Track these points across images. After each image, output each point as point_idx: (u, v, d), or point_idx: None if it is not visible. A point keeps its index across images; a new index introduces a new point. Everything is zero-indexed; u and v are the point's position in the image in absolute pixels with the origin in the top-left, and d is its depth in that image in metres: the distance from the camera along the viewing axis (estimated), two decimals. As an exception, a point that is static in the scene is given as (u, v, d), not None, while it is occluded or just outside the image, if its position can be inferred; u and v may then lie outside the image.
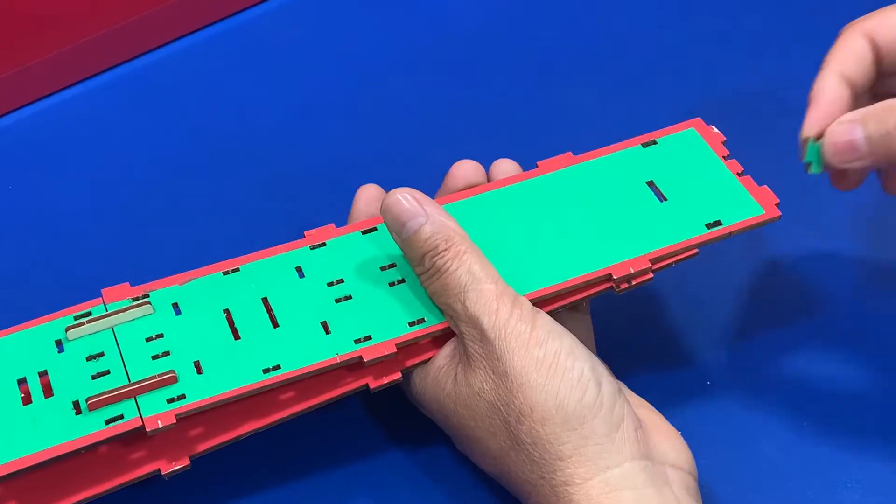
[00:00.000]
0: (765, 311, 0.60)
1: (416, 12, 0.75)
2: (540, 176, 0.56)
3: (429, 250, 0.50)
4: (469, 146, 0.63)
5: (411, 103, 0.70)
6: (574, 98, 0.70)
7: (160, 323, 0.51)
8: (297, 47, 0.74)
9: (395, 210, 0.51)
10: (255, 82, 0.72)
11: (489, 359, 0.48)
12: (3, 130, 0.70)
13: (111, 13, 0.71)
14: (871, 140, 0.49)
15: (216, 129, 0.69)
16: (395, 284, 0.52)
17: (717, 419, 0.56)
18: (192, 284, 0.52)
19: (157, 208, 0.66)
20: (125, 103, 0.71)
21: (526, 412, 0.47)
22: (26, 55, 0.70)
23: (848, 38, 0.53)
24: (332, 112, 0.70)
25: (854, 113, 0.50)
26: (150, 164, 0.68)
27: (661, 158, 0.57)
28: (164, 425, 0.47)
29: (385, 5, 0.76)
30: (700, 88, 0.70)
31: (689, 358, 0.58)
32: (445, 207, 0.54)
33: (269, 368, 0.49)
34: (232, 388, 0.48)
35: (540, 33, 0.74)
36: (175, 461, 0.48)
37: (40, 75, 0.70)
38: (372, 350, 0.49)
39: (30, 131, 0.70)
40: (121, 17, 0.72)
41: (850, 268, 0.62)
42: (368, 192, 0.56)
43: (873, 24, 0.53)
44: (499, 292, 0.49)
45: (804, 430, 0.55)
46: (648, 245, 0.53)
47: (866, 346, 0.58)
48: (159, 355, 0.49)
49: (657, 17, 0.75)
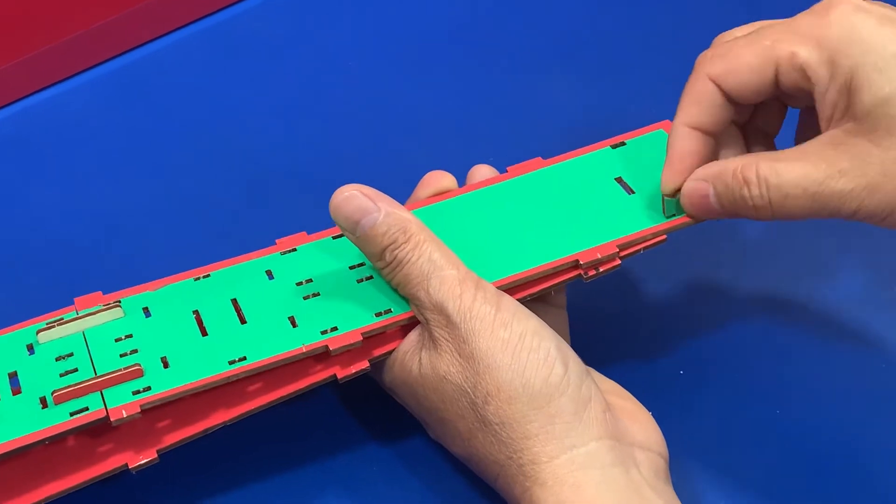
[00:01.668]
0: (737, 300, 0.60)
1: (400, 12, 0.76)
2: (509, 179, 0.57)
3: (388, 244, 0.50)
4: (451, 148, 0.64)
5: (393, 104, 0.71)
6: (552, 101, 0.71)
7: (130, 325, 0.51)
8: (279, 45, 0.75)
9: (346, 209, 0.50)
10: (236, 81, 0.73)
11: (455, 342, 0.48)
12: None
13: (91, 11, 0.72)
14: (721, 198, 0.51)
15: (196, 129, 0.70)
16: (363, 281, 0.52)
17: (689, 408, 0.56)
18: (163, 291, 0.53)
19: (134, 211, 0.66)
20: (103, 102, 0.71)
21: (493, 392, 0.47)
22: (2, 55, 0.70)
23: (696, 83, 0.52)
24: (312, 112, 0.71)
25: (703, 171, 0.52)
26: (128, 165, 0.68)
27: (630, 157, 0.58)
28: (129, 415, 0.47)
29: (369, 4, 0.77)
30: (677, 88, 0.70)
31: (662, 349, 0.58)
32: (416, 212, 0.54)
33: (235, 360, 0.49)
34: (197, 379, 0.48)
35: (523, 31, 0.75)
36: (142, 454, 0.48)
37: (18, 75, 0.71)
38: (338, 339, 0.50)
39: (7, 130, 0.70)
40: (101, 15, 0.72)
41: (823, 255, 0.62)
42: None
43: (718, 69, 0.51)
44: (461, 277, 0.49)
45: (776, 418, 0.55)
46: (616, 233, 0.54)
47: (841, 334, 0.58)
48: (127, 353, 0.50)
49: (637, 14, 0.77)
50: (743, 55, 0.51)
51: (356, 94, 0.72)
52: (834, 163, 0.48)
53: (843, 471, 0.53)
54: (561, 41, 0.75)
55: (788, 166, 0.49)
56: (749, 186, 0.50)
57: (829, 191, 0.48)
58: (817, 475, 0.53)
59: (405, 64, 0.74)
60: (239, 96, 0.72)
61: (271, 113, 0.71)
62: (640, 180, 0.56)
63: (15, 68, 0.70)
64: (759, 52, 0.50)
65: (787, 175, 0.49)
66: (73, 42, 0.71)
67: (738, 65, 0.51)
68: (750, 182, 0.50)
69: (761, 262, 0.54)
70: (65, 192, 0.67)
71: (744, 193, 0.50)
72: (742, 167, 0.50)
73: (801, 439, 0.54)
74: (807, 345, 0.58)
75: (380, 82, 0.73)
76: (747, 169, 0.50)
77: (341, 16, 0.76)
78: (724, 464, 0.53)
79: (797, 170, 0.49)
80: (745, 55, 0.51)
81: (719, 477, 0.53)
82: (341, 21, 0.76)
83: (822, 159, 0.49)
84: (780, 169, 0.49)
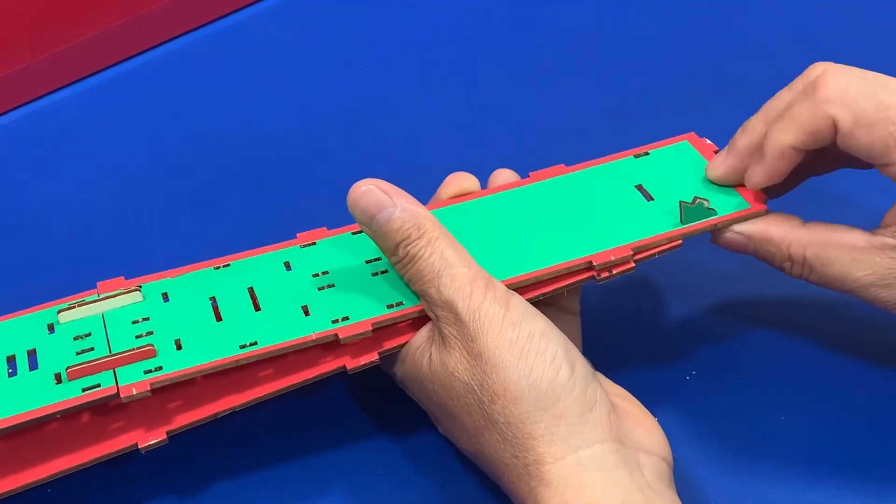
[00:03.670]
0: (746, 307, 0.60)
1: (410, 13, 0.77)
2: (531, 184, 0.57)
3: (402, 239, 0.50)
4: (463, 152, 0.64)
5: (405, 106, 0.71)
6: (574, 110, 0.71)
7: (148, 309, 0.52)
8: (289, 48, 0.76)
9: (363, 203, 0.51)
10: (247, 83, 0.74)
11: (464, 340, 0.49)
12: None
13: (100, 16, 0.73)
14: (758, 255, 0.54)
15: (210, 131, 0.71)
16: (377, 275, 0.53)
17: (694, 413, 0.56)
18: (183, 278, 0.53)
19: (150, 209, 0.67)
20: (116, 105, 0.73)
21: (500, 392, 0.48)
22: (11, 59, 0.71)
23: (815, 112, 0.50)
24: (326, 114, 0.72)
25: (748, 227, 0.53)
26: (143, 164, 0.69)
27: (652, 166, 0.58)
28: (139, 392, 0.47)
29: (379, 6, 0.77)
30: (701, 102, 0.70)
31: (671, 354, 0.58)
32: (436, 212, 0.55)
33: (246, 345, 0.49)
34: (207, 361, 0.49)
35: (542, 37, 0.76)
36: (151, 434, 0.49)
37: (30, 78, 0.72)
38: (348, 329, 0.50)
39: (23, 132, 0.72)
40: (110, 19, 0.73)
41: None
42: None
43: (840, 108, 0.50)
44: (472, 276, 0.50)
45: (781, 424, 0.55)
46: (632, 236, 0.54)
47: (851, 341, 0.58)
48: (143, 335, 0.50)
49: (664, 25, 0.77)
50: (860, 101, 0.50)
51: (367, 96, 0.73)
52: (883, 274, 0.51)
53: (849, 478, 0.53)
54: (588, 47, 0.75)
55: (836, 268, 0.51)
56: (792, 264, 0.52)
57: (867, 294, 0.51)
58: (822, 482, 0.53)
59: (424, 68, 0.74)
60: (249, 99, 0.73)
61: (294, 114, 0.72)
62: (660, 189, 0.56)
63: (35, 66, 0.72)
64: None
65: (832, 270, 0.51)
66: (92, 42, 0.73)
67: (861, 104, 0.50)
68: (794, 261, 0.52)
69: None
70: (84, 186, 0.69)
71: (784, 266, 0.53)
72: (791, 245, 0.52)
73: (806, 446, 0.54)
74: (814, 352, 0.58)
75: (396, 87, 0.73)
76: (796, 249, 0.52)
77: (354, 19, 0.77)
78: (728, 470, 0.53)
79: (843, 271, 0.51)
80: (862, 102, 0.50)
81: (723, 483, 0.53)
82: (355, 24, 0.77)
83: (871, 266, 0.51)
84: (828, 262, 0.51)
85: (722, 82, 0.72)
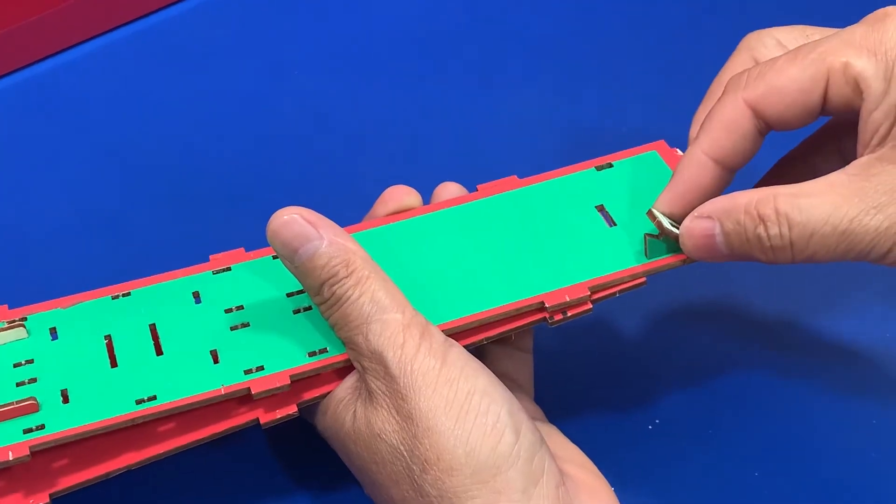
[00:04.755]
0: (716, 348, 0.56)
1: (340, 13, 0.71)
2: (479, 200, 0.52)
3: (327, 278, 0.44)
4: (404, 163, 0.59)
5: (338, 113, 0.66)
6: (527, 113, 0.66)
7: (33, 348, 0.46)
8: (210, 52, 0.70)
9: (284, 234, 0.45)
10: (160, 90, 0.68)
11: (393, 398, 0.43)
12: None
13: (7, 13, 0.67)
14: (730, 238, 0.46)
15: (119, 140, 0.65)
16: (299, 312, 0.47)
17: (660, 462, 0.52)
18: (76, 309, 0.48)
19: (48, 225, 0.61)
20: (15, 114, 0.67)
21: (432, 460, 0.42)
22: None
23: (727, 107, 0.46)
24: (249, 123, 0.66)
25: (708, 206, 0.47)
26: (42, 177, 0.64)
27: (615, 182, 0.52)
28: (16, 457, 0.42)
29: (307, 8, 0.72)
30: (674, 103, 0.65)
31: (634, 398, 0.54)
32: (368, 233, 0.49)
33: (144, 399, 0.44)
34: (96, 420, 0.43)
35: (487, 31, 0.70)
36: (32, 498, 0.43)
37: None
38: (262, 382, 0.44)
39: None
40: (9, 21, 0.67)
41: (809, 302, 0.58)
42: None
43: (759, 91, 0.46)
44: (406, 322, 0.44)
45: (754, 482, 0.51)
46: (590, 272, 0.48)
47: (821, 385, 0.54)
48: (25, 382, 0.45)
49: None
50: (787, 71, 0.45)
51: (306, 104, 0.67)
52: (868, 196, 0.43)
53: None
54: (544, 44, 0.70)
55: (814, 201, 0.44)
56: (766, 225, 0.44)
57: (861, 228, 0.43)
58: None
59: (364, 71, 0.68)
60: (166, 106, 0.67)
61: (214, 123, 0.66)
62: (623, 211, 0.50)
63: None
64: (807, 66, 0.45)
65: (814, 211, 0.43)
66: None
67: (783, 82, 0.45)
68: (767, 220, 0.44)
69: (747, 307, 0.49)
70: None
71: (759, 233, 0.45)
72: (757, 202, 0.45)
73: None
74: (793, 400, 0.54)
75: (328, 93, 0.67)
76: (764, 204, 0.44)
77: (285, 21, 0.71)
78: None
79: (825, 205, 0.43)
80: (790, 71, 0.45)
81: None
82: (286, 26, 0.71)
83: (855, 192, 0.43)
84: (805, 205, 0.44)
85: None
